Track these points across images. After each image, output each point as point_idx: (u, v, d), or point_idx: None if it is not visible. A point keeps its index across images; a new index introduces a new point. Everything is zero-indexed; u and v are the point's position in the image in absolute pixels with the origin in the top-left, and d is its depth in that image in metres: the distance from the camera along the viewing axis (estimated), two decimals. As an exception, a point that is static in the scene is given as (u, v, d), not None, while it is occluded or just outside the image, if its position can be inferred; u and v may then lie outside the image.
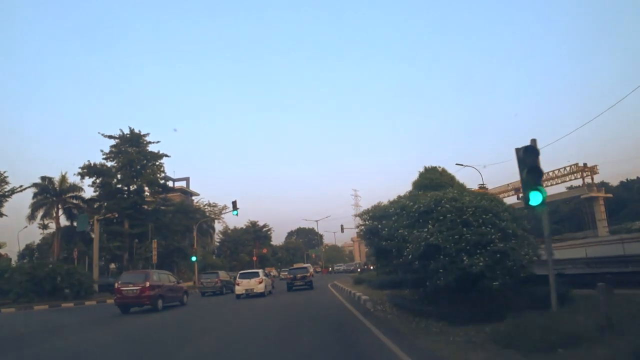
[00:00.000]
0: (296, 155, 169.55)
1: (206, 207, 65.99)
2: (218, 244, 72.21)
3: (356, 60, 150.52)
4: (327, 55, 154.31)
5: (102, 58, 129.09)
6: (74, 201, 43.61)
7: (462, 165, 37.30)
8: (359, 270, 44.33)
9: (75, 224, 45.11)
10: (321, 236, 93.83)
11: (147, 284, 16.01)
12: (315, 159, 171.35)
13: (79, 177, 39.58)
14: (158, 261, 42.58)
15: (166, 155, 43.12)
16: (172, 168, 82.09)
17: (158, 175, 41.61)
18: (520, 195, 69.57)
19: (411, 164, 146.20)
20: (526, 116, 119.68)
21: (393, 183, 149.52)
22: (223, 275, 29.92)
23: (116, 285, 16.84)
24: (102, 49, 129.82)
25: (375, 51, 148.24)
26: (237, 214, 30.05)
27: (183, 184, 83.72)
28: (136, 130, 41.66)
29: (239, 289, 21.47)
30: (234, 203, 30.65)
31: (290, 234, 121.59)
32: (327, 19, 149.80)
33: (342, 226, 66.73)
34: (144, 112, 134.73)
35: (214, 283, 27.72)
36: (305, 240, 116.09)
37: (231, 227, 74.94)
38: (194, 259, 31.62)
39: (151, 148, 42.32)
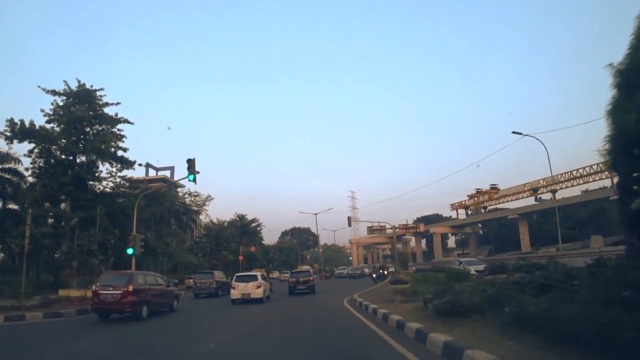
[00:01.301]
0: (293, 155, 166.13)
1: (186, 195, 56.22)
2: (199, 239, 62.34)
3: (356, 61, 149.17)
4: (327, 55, 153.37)
5: (96, 54, 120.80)
6: (7, 175, 33.52)
7: (520, 134, 31.58)
8: (374, 275, 34.50)
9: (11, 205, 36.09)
10: (317, 236, 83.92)
11: (130, 288, 13.89)
12: (313, 160, 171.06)
13: (5, 140, 29.35)
14: (113, 257, 33.25)
15: (128, 122, 33.18)
16: (155, 157, 72.12)
17: (113, 144, 31.43)
18: (539, 196, 60.18)
19: (409, 165, 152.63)
20: (519, 116, 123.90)
21: (392, 185, 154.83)
22: (219, 275, 28.88)
23: (94, 287, 14.76)
24: (96, 45, 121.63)
25: (374, 52, 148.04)
26: (193, 179, 19.62)
27: (167, 173, 74.27)
28: (88, 86, 31.89)
29: (234, 293, 20.22)
30: (190, 162, 19.98)
31: (284, 233, 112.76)
32: (326, 20, 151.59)
33: (349, 218, 56.76)
34: (143, 111, 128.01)
35: (209, 284, 26.67)
36: (300, 240, 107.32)
37: (216, 221, 65.33)
38: (130, 251, 21.80)
39: (110, 112, 32.60)
